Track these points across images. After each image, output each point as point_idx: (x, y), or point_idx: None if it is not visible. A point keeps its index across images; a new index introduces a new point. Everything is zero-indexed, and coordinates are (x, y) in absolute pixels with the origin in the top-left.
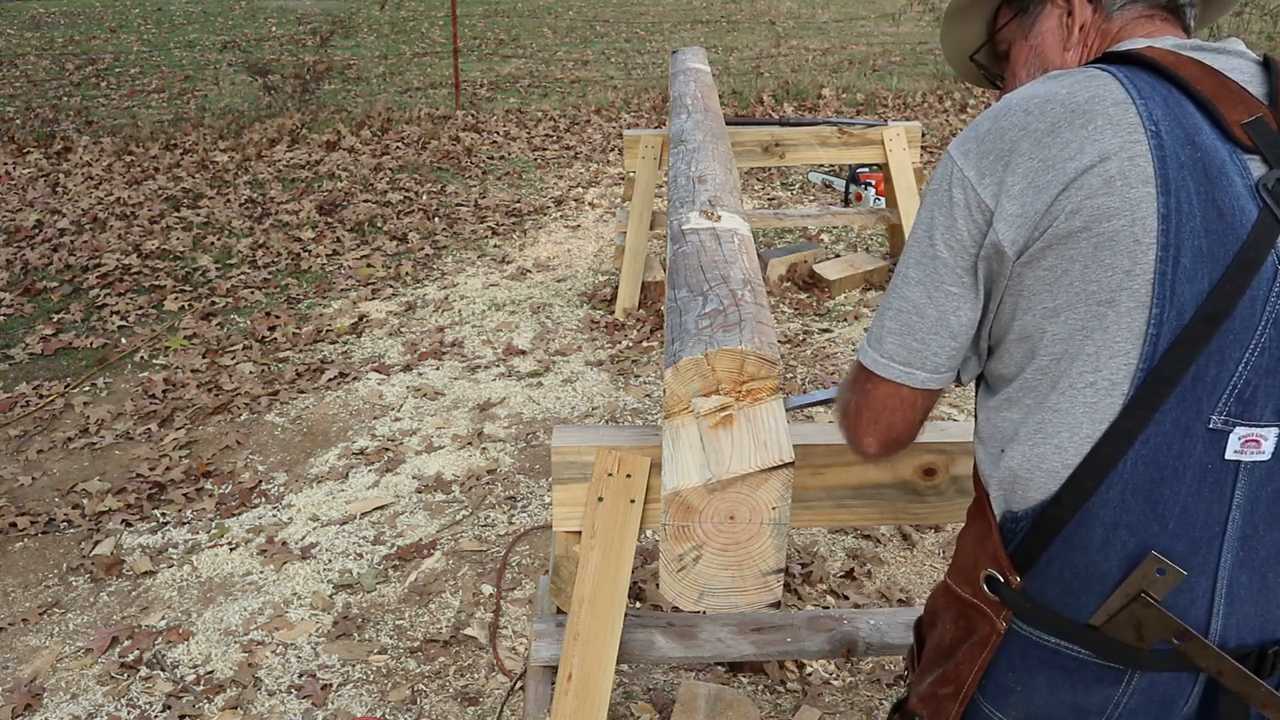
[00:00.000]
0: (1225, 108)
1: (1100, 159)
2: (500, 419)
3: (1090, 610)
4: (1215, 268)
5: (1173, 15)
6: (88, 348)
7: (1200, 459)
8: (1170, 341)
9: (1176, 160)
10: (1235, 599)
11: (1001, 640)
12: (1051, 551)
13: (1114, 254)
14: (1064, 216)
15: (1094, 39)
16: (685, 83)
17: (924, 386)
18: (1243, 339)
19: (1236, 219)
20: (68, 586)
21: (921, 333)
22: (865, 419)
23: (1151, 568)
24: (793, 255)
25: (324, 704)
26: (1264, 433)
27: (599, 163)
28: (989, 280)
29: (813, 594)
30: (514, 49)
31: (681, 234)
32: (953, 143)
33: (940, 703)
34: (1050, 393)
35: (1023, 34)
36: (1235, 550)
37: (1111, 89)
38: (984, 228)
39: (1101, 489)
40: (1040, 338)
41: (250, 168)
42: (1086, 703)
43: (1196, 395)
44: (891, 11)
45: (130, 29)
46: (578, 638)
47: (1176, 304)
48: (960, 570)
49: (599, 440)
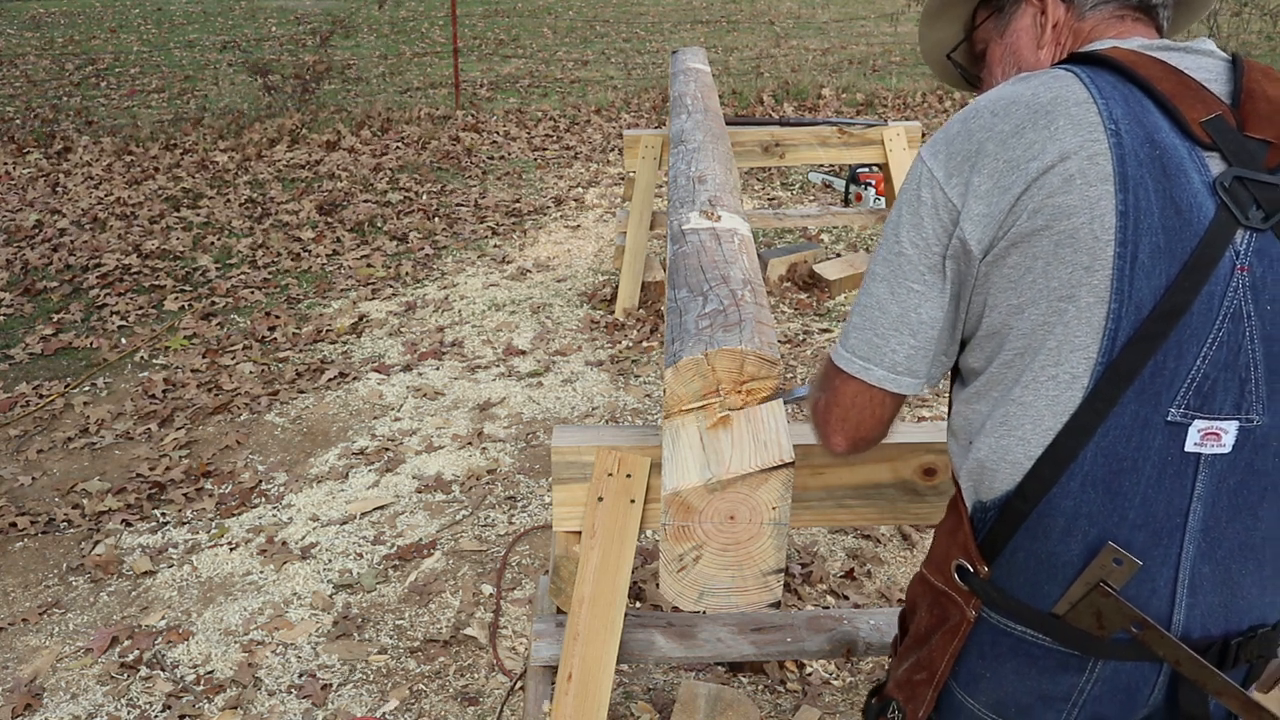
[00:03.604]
0: (1184, 106)
1: (1061, 158)
2: (500, 419)
3: (1053, 599)
4: (1173, 264)
5: (1145, 15)
6: (88, 348)
7: (1159, 451)
8: (1129, 336)
9: (1135, 158)
10: (1198, 590)
11: (972, 628)
12: (1016, 541)
13: (1074, 251)
14: (1026, 215)
15: (1067, 38)
16: (685, 83)
17: (879, 385)
18: (1200, 333)
19: (1194, 216)
20: (68, 586)
21: (883, 328)
22: (835, 416)
23: (1109, 558)
24: (793, 255)
25: (324, 704)
26: (1224, 426)
27: (599, 163)
28: (958, 279)
29: (813, 594)
30: (514, 49)
31: (681, 234)
32: (924, 144)
33: (915, 688)
34: (1014, 386)
35: (998, 33)
36: (1197, 542)
37: (1074, 89)
38: (950, 227)
39: (1062, 480)
40: (1006, 333)
41: (250, 168)
42: (1052, 690)
43: (1155, 389)
44: (891, 12)
45: (130, 29)
46: (578, 638)
47: (1135, 299)
48: (934, 560)
49: (599, 440)
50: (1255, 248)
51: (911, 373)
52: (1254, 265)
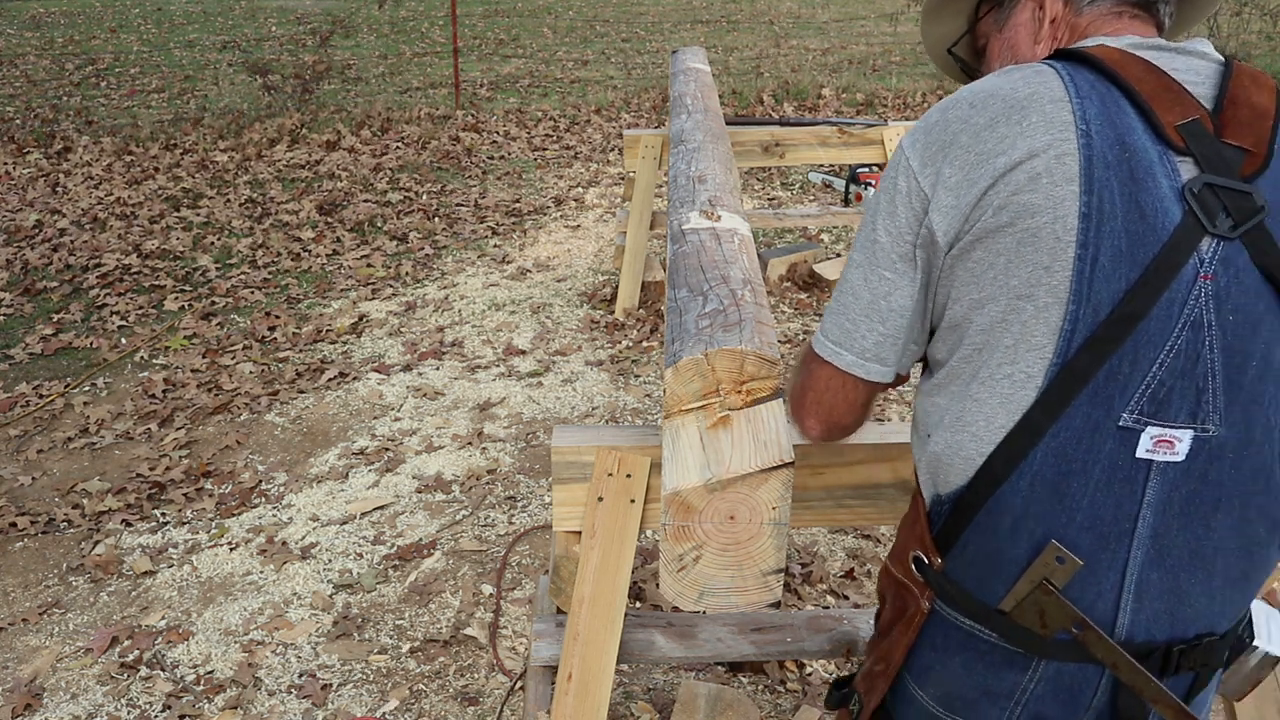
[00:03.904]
0: (1161, 108)
1: (1029, 155)
2: (500, 419)
3: (1000, 595)
4: (1133, 268)
5: (1144, 12)
6: (88, 348)
7: (1110, 455)
8: (1085, 338)
9: (1103, 160)
10: (1144, 596)
11: (925, 619)
12: (967, 536)
13: (1035, 250)
14: (992, 211)
15: (1064, 33)
16: (685, 83)
17: (849, 370)
18: (1158, 340)
19: (1158, 221)
20: (68, 586)
21: (854, 314)
22: (809, 400)
23: (1051, 555)
24: (793, 255)
25: (324, 704)
26: (1178, 434)
27: (599, 163)
28: (928, 268)
29: (813, 594)
30: (514, 49)
31: (681, 234)
32: (906, 133)
33: (874, 680)
34: (972, 382)
35: (998, 27)
36: (1146, 548)
37: (1052, 86)
38: (921, 215)
39: (1012, 478)
40: (966, 328)
41: (250, 168)
42: (997, 686)
43: (1108, 392)
44: (891, 12)
45: (130, 29)
46: (578, 638)
47: (1093, 302)
48: (896, 551)
49: (599, 440)
50: (1221, 256)
51: (880, 360)
52: (1218, 274)
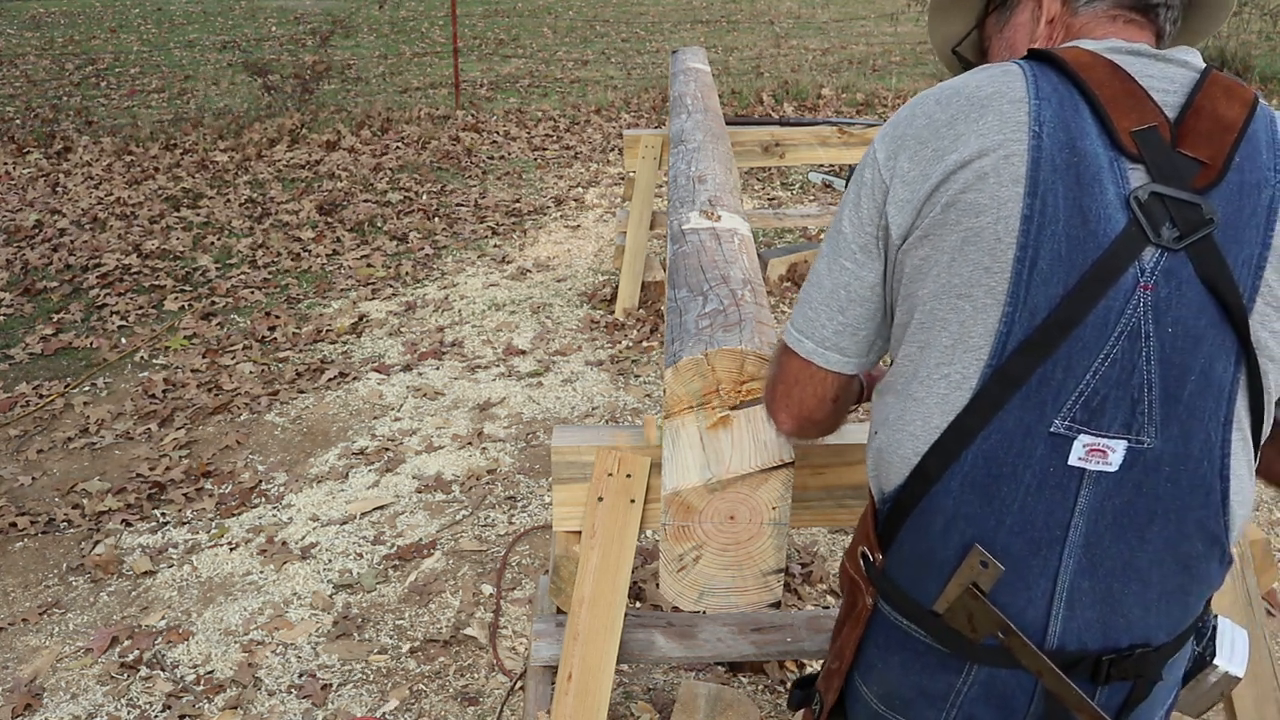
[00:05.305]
0: (1118, 114)
1: (979, 154)
2: (500, 419)
3: (933, 596)
4: (1071, 274)
5: (1141, 16)
6: (88, 348)
7: (1041, 461)
8: (1019, 342)
9: (1051, 163)
10: (1076, 604)
11: (870, 616)
12: (903, 535)
13: (977, 249)
14: (939, 208)
15: (1059, 33)
16: (685, 83)
17: (809, 358)
18: (1093, 348)
19: (1100, 227)
20: (68, 586)
21: (816, 302)
22: (779, 393)
23: (976, 559)
24: (793, 255)
25: (324, 704)
26: (1111, 444)
27: (599, 163)
28: (885, 260)
29: (813, 594)
30: (514, 49)
31: (681, 234)
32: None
33: (830, 678)
34: (912, 381)
35: (999, 27)
36: (1078, 556)
37: (1015, 86)
38: (881, 207)
39: (944, 479)
40: (910, 325)
41: (250, 168)
42: (932, 687)
43: (1041, 398)
44: (891, 11)
45: (130, 29)
46: (578, 638)
47: (1029, 305)
48: (850, 547)
49: (599, 440)
50: (1164, 267)
51: (840, 350)
52: (1159, 285)
